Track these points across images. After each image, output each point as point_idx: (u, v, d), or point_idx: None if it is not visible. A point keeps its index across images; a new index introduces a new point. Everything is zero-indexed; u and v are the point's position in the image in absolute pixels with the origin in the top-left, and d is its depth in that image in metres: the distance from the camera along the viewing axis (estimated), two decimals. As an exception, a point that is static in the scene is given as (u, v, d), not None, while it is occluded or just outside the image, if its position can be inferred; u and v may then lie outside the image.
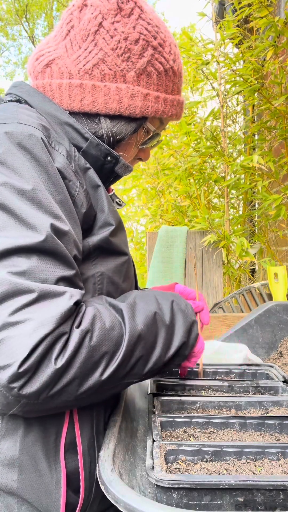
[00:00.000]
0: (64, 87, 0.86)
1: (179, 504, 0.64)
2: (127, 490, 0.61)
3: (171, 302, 0.87)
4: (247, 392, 1.10)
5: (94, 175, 0.87)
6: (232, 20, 2.95)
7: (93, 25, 0.85)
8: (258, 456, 0.77)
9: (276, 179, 3.03)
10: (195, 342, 0.89)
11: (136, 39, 0.86)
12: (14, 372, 0.64)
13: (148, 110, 0.89)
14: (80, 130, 0.86)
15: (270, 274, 2.17)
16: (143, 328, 0.79)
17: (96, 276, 0.85)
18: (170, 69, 0.91)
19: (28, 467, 0.78)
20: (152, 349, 0.81)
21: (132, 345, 0.76)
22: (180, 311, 0.87)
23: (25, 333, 0.65)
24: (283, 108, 2.89)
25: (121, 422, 0.86)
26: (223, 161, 3.34)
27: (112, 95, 0.86)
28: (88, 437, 0.84)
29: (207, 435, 0.88)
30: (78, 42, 0.86)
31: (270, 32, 2.74)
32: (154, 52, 0.88)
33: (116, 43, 0.85)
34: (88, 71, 0.85)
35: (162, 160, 3.81)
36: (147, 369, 0.80)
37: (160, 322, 0.83)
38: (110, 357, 0.73)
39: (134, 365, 0.78)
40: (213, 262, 3.11)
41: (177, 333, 0.85)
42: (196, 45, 3.27)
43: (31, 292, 0.67)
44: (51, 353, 0.66)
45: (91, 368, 0.71)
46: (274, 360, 1.46)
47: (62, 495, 0.79)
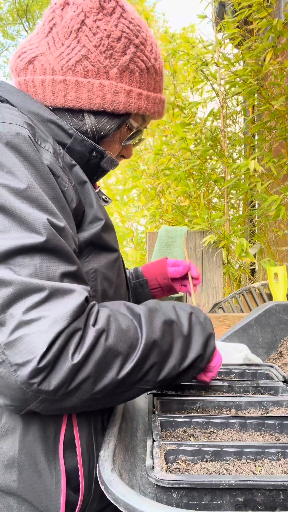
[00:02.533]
0: (47, 83, 0.87)
1: (179, 504, 0.64)
2: (127, 490, 0.61)
3: (189, 314, 0.88)
4: (247, 392, 1.10)
5: (80, 172, 0.87)
6: (232, 21, 2.96)
7: (76, 23, 0.86)
8: (258, 456, 0.77)
9: (276, 180, 3.03)
10: (211, 356, 0.90)
11: (118, 36, 0.87)
12: (34, 368, 0.65)
13: (131, 106, 0.90)
14: (64, 127, 0.86)
15: (270, 274, 2.17)
16: (160, 336, 0.79)
17: (90, 273, 0.85)
18: (152, 67, 0.92)
19: (28, 467, 0.78)
20: (167, 357, 0.81)
21: (147, 350, 0.76)
22: (198, 323, 0.88)
23: (41, 330, 0.66)
24: (283, 108, 2.89)
25: (121, 422, 0.86)
26: (222, 162, 3.34)
27: (96, 91, 0.87)
28: (87, 436, 0.84)
29: (207, 435, 0.88)
30: (60, 39, 0.87)
31: (270, 33, 2.74)
32: (136, 50, 0.89)
33: (98, 40, 0.86)
34: (71, 67, 0.86)
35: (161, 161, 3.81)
36: (161, 377, 0.80)
37: (177, 331, 0.83)
38: (124, 359, 0.74)
39: (148, 371, 0.78)
40: (213, 262, 3.11)
41: (193, 345, 0.85)
42: (196, 46, 3.27)
43: (42, 290, 0.68)
44: (68, 349, 0.68)
45: (105, 368, 0.72)
46: (274, 360, 1.46)
47: (62, 494, 0.79)
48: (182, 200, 4.01)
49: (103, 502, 0.88)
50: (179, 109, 3.60)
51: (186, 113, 3.57)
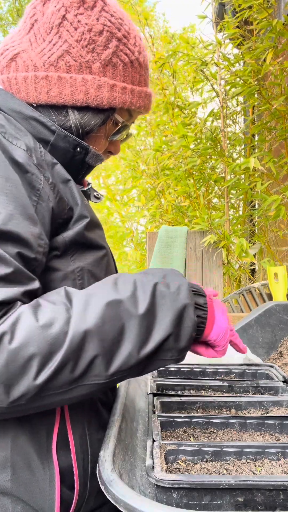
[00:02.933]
0: (30, 80, 0.86)
1: (179, 504, 0.64)
2: (127, 490, 0.61)
3: (153, 286, 0.76)
4: (247, 392, 1.10)
5: (62, 170, 0.85)
6: (232, 21, 2.96)
7: (57, 18, 0.85)
8: (258, 456, 0.77)
9: (276, 180, 3.03)
10: (191, 331, 0.77)
11: (100, 30, 0.86)
12: None
13: (116, 101, 0.88)
14: (46, 123, 0.85)
15: (270, 274, 2.17)
16: (96, 323, 0.70)
17: (76, 272, 0.84)
18: (136, 60, 0.91)
19: (21, 466, 0.78)
20: (116, 346, 0.71)
21: (78, 343, 0.68)
22: (165, 296, 0.76)
23: None
24: (283, 108, 2.89)
25: (121, 422, 0.86)
26: (222, 161, 3.34)
27: (79, 86, 0.85)
28: (80, 434, 0.83)
29: (207, 435, 0.88)
30: (42, 35, 0.86)
31: (271, 33, 2.75)
32: (118, 44, 0.88)
33: (80, 34, 0.85)
34: (53, 63, 0.85)
35: (161, 161, 3.82)
36: (113, 369, 0.71)
37: (128, 312, 0.72)
38: (43, 358, 0.66)
39: (89, 365, 0.69)
40: (213, 262, 3.11)
41: (157, 324, 0.74)
42: (196, 46, 3.27)
43: None
44: None
45: (18, 373, 0.65)
46: (274, 360, 1.46)
47: (56, 492, 0.79)
48: (182, 200, 4.01)
49: (100, 499, 0.88)
50: (179, 109, 3.60)
51: (186, 113, 3.57)
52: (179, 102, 3.69)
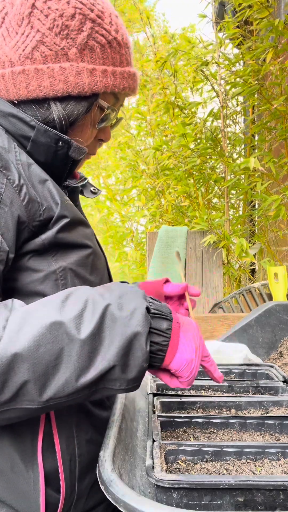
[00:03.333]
0: (8, 77, 0.83)
1: (179, 504, 0.64)
2: (127, 490, 0.61)
3: (105, 307, 0.70)
4: (247, 392, 1.10)
5: (38, 170, 0.82)
6: (232, 21, 2.96)
7: (26, 8, 0.81)
8: (258, 456, 0.77)
9: (276, 180, 3.03)
10: (142, 361, 0.70)
11: (72, 14, 0.82)
12: None
13: (97, 85, 0.84)
14: (25, 119, 0.82)
15: (270, 274, 2.17)
16: (29, 346, 0.64)
17: (58, 272, 0.82)
18: (114, 40, 0.86)
19: (4, 469, 0.78)
20: (51, 371, 0.66)
21: (5, 366, 0.63)
22: (115, 320, 0.69)
23: None
24: (283, 108, 2.89)
25: (121, 422, 0.86)
26: (222, 161, 3.35)
27: (57, 76, 0.82)
28: (67, 435, 0.82)
29: (207, 435, 0.88)
30: (14, 28, 0.82)
31: (271, 33, 2.74)
32: (93, 25, 0.83)
33: (52, 21, 0.81)
34: (28, 55, 0.82)
35: (161, 161, 3.82)
36: (47, 395, 0.66)
37: (65, 336, 0.66)
38: None
39: (20, 389, 0.64)
40: (213, 262, 3.11)
41: (102, 351, 0.68)
42: (196, 46, 3.27)
43: None
44: None
45: None
46: (274, 360, 1.46)
47: (40, 495, 0.78)
48: (182, 200, 4.01)
49: (91, 501, 0.87)
50: (179, 109, 3.60)
51: (186, 113, 3.57)
52: (179, 102, 3.69)
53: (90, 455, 0.86)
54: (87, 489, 0.86)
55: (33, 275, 0.80)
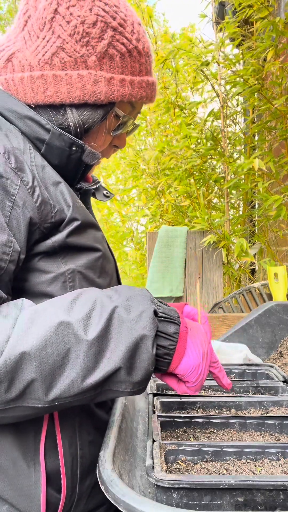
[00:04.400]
0: (26, 80, 0.84)
1: (179, 504, 0.64)
2: (127, 490, 0.61)
3: (112, 309, 0.70)
4: (247, 392, 1.10)
5: (52, 172, 0.83)
6: (232, 21, 2.96)
7: (49, 12, 0.82)
8: (258, 456, 0.77)
9: (277, 180, 3.03)
10: (151, 365, 0.71)
11: (94, 21, 0.82)
12: None
13: (114, 95, 0.85)
14: (41, 122, 0.83)
15: (270, 274, 2.17)
16: (37, 345, 0.65)
17: (67, 274, 0.82)
18: (134, 49, 0.86)
19: (6, 468, 0.78)
20: (58, 371, 0.66)
21: (12, 364, 0.64)
22: (122, 322, 0.70)
23: None
24: (284, 108, 2.89)
25: (121, 422, 0.86)
26: (223, 162, 3.34)
27: (75, 83, 0.83)
28: (70, 436, 0.83)
29: (207, 435, 0.88)
30: (35, 32, 0.83)
31: (271, 32, 2.74)
32: (114, 33, 0.83)
33: (73, 28, 0.81)
34: (47, 61, 0.82)
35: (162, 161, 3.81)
36: (53, 395, 0.67)
37: (73, 336, 0.67)
38: None
39: (27, 388, 0.66)
40: (213, 262, 3.11)
41: (109, 353, 0.68)
42: (196, 46, 3.27)
43: None
44: None
45: None
46: (274, 360, 1.46)
47: (42, 494, 0.78)
48: (182, 200, 4.00)
49: (92, 503, 0.87)
50: (179, 109, 3.60)
51: (186, 113, 3.57)
52: (179, 102, 3.69)
53: (91, 457, 0.86)
54: (88, 490, 0.86)
55: (42, 276, 0.80)
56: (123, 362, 0.69)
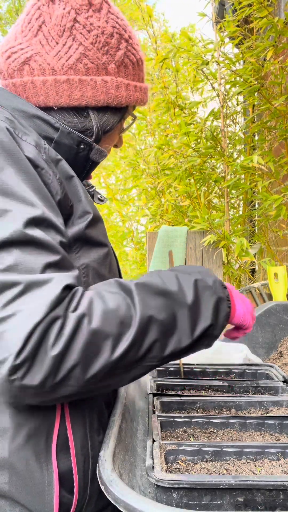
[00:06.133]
0: (50, 84, 0.87)
1: (179, 504, 0.64)
2: (127, 490, 0.61)
3: (194, 281, 0.82)
4: (247, 392, 1.10)
5: (67, 166, 0.86)
6: (232, 20, 2.95)
7: (68, 21, 0.87)
8: (258, 456, 0.77)
9: (277, 179, 3.03)
10: (225, 322, 0.85)
11: (111, 32, 0.90)
12: (11, 365, 0.64)
13: (131, 99, 0.93)
14: (50, 121, 0.87)
15: (270, 274, 2.17)
16: (157, 310, 0.75)
17: (81, 269, 0.84)
18: (140, 59, 0.96)
19: (19, 469, 0.78)
20: (171, 332, 0.77)
21: (143, 327, 0.73)
22: (205, 289, 0.82)
23: (16, 325, 0.65)
24: (283, 108, 2.89)
25: (121, 422, 0.86)
26: (223, 161, 3.34)
27: (99, 87, 0.89)
28: (81, 436, 0.83)
29: (207, 435, 0.88)
30: (54, 38, 0.87)
31: (271, 32, 2.74)
32: (127, 45, 0.92)
33: (94, 37, 0.88)
34: (72, 66, 0.87)
35: (162, 161, 3.81)
36: (167, 352, 0.77)
37: (178, 303, 0.78)
38: (116, 339, 0.71)
39: (150, 348, 0.75)
40: (213, 262, 3.11)
41: (202, 314, 0.80)
42: (196, 45, 3.27)
43: (17, 284, 0.67)
44: (46, 341, 0.66)
45: (94, 352, 0.69)
46: (274, 360, 1.46)
47: (54, 496, 0.78)
48: (182, 200, 4.00)
49: (101, 501, 0.88)
50: (179, 108, 3.60)
51: (186, 113, 3.57)
52: (179, 101, 3.69)
53: None
54: (97, 490, 0.86)
55: None
56: (212, 320, 0.81)
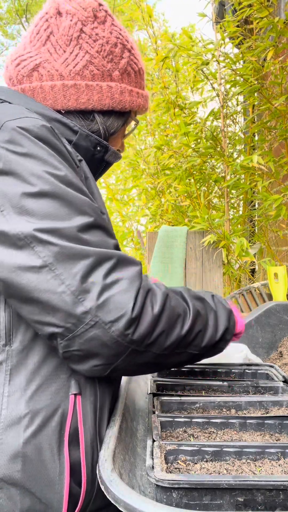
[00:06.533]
0: (58, 88, 0.93)
1: (179, 504, 0.64)
2: (127, 490, 0.61)
3: (212, 295, 1.00)
4: (247, 392, 1.10)
5: (85, 167, 0.92)
6: (232, 20, 2.95)
7: (75, 31, 0.94)
8: (258, 456, 0.77)
9: (277, 179, 3.03)
10: (234, 328, 1.00)
11: (115, 42, 0.97)
12: (129, 319, 0.75)
13: (133, 104, 1.00)
14: (69, 124, 0.92)
15: (270, 274, 2.17)
16: (200, 308, 0.91)
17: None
18: (141, 68, 1.03)
19: (32, 458, 0.79)
20: (206, 327, 0.92)
21: (195, 316, 0.88)
22: (220, 302, 0.99)
23: (124, 289, 0.77)
24: (283, 108, 2.89)
25: (121, 422, 0.86)
26: (223, 161, 3.34)
27: (105, 92, 0.95)
28: (91, 430, 0.85)
29: (207, 435, 0.88)
30: (61, 46, 0.94)
31: (271, 32, 2.74)
32: (129, 54, 1.00)
33: (99, 46, 0.95)
34: (79, 72, 0.94)
35: (162, 161, 3.81)
36: (204, 343, 0.91)
37: (208, 307, 0.95)
38: (183, 320, 0.86)
39: (196, 336, 0.89)
40: (213, 262, 3.11)
41: (220, 319, 0.96)
42: (196, 45, 3.27)
43: (112, 257, 0.78)
44: (147, 303, 0.79)
45: (172, 325, 0.83)
46: (274, 360, 1.46)
47: (65, 486, 0.80)
48: (182, 200, 4.00)
49: (107, 498, 0.88)
50: (179, 108, 3.60)
51: (186, 113, 3.57)
52: (179, 101, 3.69)
53: None
54: None
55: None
56: (227, 324, 0.96)
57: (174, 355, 0.87)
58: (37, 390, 0.81)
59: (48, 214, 0.76)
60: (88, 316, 0.74)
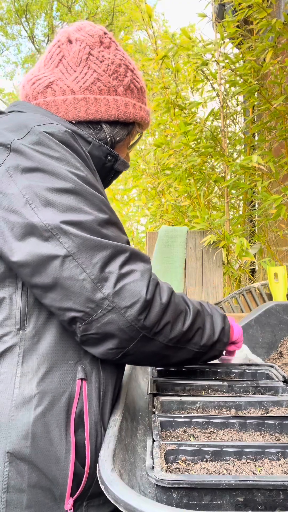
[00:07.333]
0: (70, 101, 1.04)
1: (179, 504, 0.64)
2: (127, 490, 0.61)
3: (206, 302, 1.09)
4: (247, 392, 1.10)
5: (98, 176, 1.00)
6: (232, 20, 2.96)
7: (84, 54, 1.07)
8: (258, 456, 0.77)
9: (277, 179, 3.03)
10: (229, 330, 1.10)
11: (119, 63, 1.09)
12: (142, 304, 0.84)
13: (137, 116, 1.11)
14: (83, 135, 1.01)
15: (270, 274, 2.17)
16: (200, 309, 1.00)
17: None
18: (142, 87, 1.16)
19: (41, 435, 0.84)
20: (205, 326, 1.01)
21: (195, 315, 0.97)
22: (214, 308, 1.10)
23: (137, 278, 0.86)
24: (283, 108, 2.89)
25: (121, 422, 0.86)
26: (223, 161, 3.34)
27: (111, 104, 1.07)
28: (95, 413, 0.90)
29: (207, 435, 0.88)
30: (72, 67, 1.06)
31: (270, 33, 2.75)
32: (132, 74, 1.12)
33: (106, 66, 1.07)
34: (88, 87, 1.05)
35: (162, 160, 3.81)
36: (203, 341, 1.00)
37: (205, 310, 1.04)
38: (184, 316, 0.95)
39: (196, 333, 0.98)
40: (213, 262, 3.11)
41: (216, 321, 1.06)
42: (196, 45, 3.27)
43: (126, 251, 0.87)
44: (156, 292, 0.88)
45: (177, 318, 0.92)
46: (274, 360, 1.46)
47: (70, 463, 0.85)
48: (182, 200, 4.00)
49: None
50: (179, 109, 3.60)
51: (186, 113, 3.57)
52: (179, 101, 3.69)
53: None
54: None
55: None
56: (223, 325, 1.06)
57: (176, 349, 0.94)
58: (46, 373, 0.87)
59: (72, 208, 0.85)
60: (106, 301, 0.83)
